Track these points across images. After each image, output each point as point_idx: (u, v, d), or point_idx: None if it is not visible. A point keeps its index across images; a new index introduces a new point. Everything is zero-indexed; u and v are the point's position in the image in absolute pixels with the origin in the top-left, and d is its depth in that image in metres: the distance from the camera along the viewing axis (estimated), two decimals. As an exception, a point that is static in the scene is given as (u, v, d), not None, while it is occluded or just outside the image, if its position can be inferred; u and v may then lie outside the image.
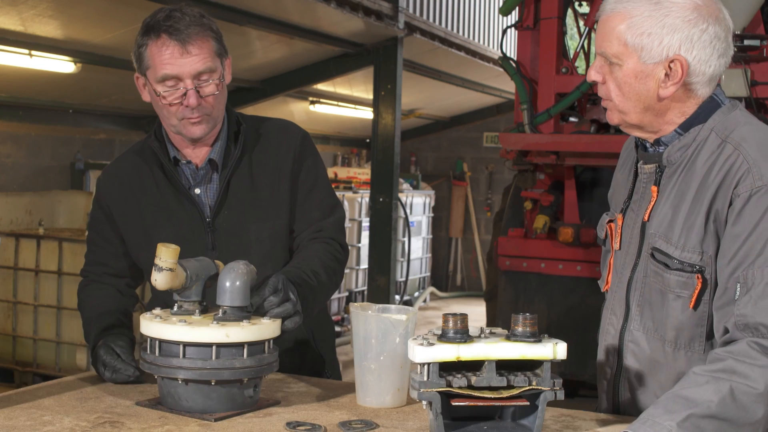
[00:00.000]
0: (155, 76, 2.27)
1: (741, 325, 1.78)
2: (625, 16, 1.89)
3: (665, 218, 1.95)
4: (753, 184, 1.81)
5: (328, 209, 2.48)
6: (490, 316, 6.62)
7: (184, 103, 2.27)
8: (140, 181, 2.42)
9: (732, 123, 1.92)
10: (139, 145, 2.51)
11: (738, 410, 1.69)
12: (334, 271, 2.39)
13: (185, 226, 2.37)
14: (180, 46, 2.24)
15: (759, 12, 5.24)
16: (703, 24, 1.87)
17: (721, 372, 1.72)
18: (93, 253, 2.52)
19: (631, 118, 1.96)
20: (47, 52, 6.53)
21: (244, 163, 2.41)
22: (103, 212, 2.46)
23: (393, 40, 7.86)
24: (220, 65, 2.31)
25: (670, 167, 1.97)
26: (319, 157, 2.54)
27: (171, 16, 2.26)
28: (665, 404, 1.70)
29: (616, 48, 1.91)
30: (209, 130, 2.35)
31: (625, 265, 2.05)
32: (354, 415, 1.98)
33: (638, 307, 2.01)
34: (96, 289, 2.49)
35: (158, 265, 2.03)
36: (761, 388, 1.70)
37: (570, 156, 5.70)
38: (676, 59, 1.88)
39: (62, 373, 6.32)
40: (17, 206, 7.38)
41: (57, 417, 1.93)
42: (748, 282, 1.79)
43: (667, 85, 1.90)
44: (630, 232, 2.05)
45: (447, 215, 13.01)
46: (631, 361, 2.03)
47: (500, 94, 11.67)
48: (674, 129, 1.96)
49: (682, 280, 1.92)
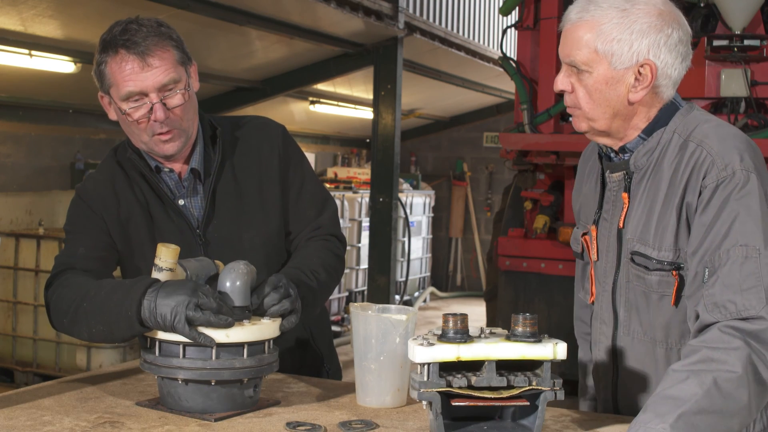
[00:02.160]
0: (119, 94, 2.18)
1: (710, 305, 1.80)
2: (593, 24, 1.93)
3: (639, 222, 1.98)
4: (718, 175, 1.87)
5: (321, 204, 2.45)
6: (490, 316, 6.62)
7: (151, 118, 2.19)
8: (126, 192, 2.32)
9: (692, 123, 1.98)
10: (113, 158, 2.37)
11: (724, 399, 1.69)
12: (335, 269, 2.38)
13: (175, 239, 2.23)
14: (139, 59, 2.15)
15: (759, 12, 5.24)
16: (668, 29, 1.93)
17: (698, 363, 1.73)
18: (71, 254, 2.28)
19: (600, 124, 2.00)
20: (47, 52, 6.54)
21: (227, 168, 2.35)
22: (94, 215, 2.31)
23: (393, 40, 7.86)
24: (185, 73, 2.23)
25: (638, 172, 2.01)
26: (302, 151, 2.48)
27: (127, 30, 2.17)
28: (654, 408, 1.69)
29: (585, 55, 1.94)
30: (182, 146, 2.27)
31: (607, 273, 2.07)
32: (354, 415, 1.98)
33: (626, 312, 2.04)
34: (80, 275, 2.22)
35: (158, 265, 2.03)
36: (740, 371, 1.71)
37: (570, 156, 5.70)
38: (646, 63, 1.93)
39: (62, 373, 6.32)
40: (17, 206, 7.38)
41: (57, 417, 1.93)
42: (714, 264, 1.83)
43: (638, 89, 1.94)
44: (606, 242, 2.07)
45: (447, 215, 13.01)
46: (627, 367, 2.05)
47: (500, 94, 11.67)
48: (638, 134, 2.00)
49: (663, 280, 1.95)
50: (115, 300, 2.01)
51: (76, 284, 2.17)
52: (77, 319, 2.11)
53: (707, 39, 5.17)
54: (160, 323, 1.92)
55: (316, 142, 12.08)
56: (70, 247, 2.30)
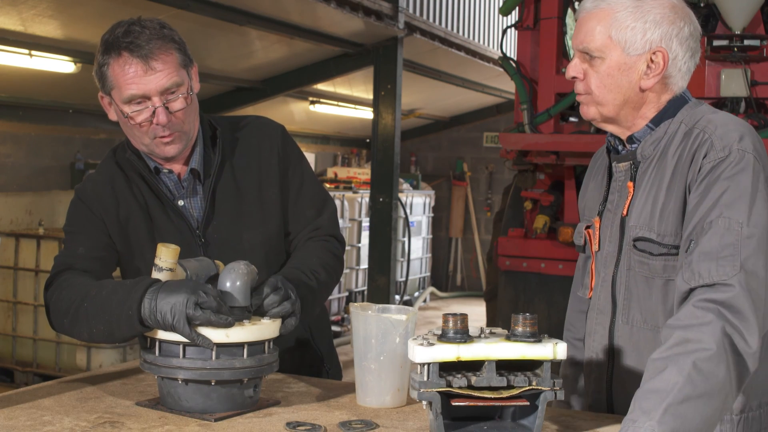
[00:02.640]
0: (121, 96, 2.18)
1: (687, 272, 1.82)
2: (608, 12, 1.99)
3: (644, 209, 2.01)
4: (716, 155, 1.90)
5: (321, 205, 2.46)
6: (490, 316, 6.62)
7: (154, 122, 2.19)
8: (125, 193, 2.32)
9: (698, 114, 2.02)
10: (112, 159, 2.37)
11: (706, 380, 1.69)
12: (334, 269, 2.39)
13: (175, 240, 2.23)
14: (143, 62, 2.14)
15: (759, 12, 5.24)
16: (680, 22, 2.00)
17: (675, 347, 1.73)
18: (71, 254, 2.28)
19: (608, 110, 2.03)
20: (47, 52, 6.54)
21: (226, 169, 2.35)
22: (94, 216, 2.30)
23: (393, 40, 7.86)
24: (187, 77, 2.23)
25: (644, 161, 2.04)
26: (301, 151, 2.49)
27: (130, 32, 2.16)
28: (639, 404, 1.69)
29: (599, 42, 1.99)
30: (183, 148, 2.27)
31: (607, 263, 2.09)
32: (354, 415, 1.98)
33: (626, 300, 2.04)
34: (80, 276, 2.21)
35: (158, 265, 2.03)
36: (714, 347, 1.71)
37: (570, 156, 5.70)
38: (658, 51, 1.98)
39: (62, 373, 6.32)
40: (17, 206, 7.38)
41: (57, 417, 1.93)
42: (699, 236, 1.85)
43: (649, 76, 2.00)
44: (609, 231, 2.09)
45: (447, 215, 13.01)
46: (624, 357, 2.05)
47: (500, 94, 11.68)
48: (646, 124, 2.04)
49: (669, 264, 1.97)
50: (115, 300, 2.01)
51: (76, 285, 2.16)
52: (77, 319, 2.11)
53: (707, 39, 5.17)
54: (160, 322, 1.92)
55: (316, 142, 12.08)
56: (70, 248, 2.30)
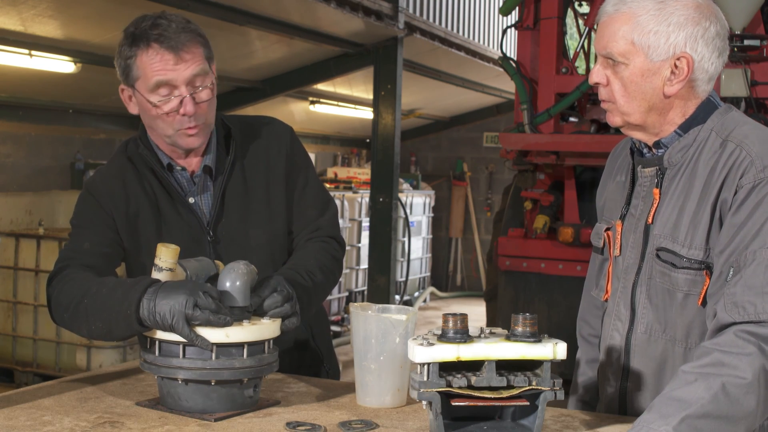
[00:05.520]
0: (147, 84, 2.20)
1: (729, 304, 1.78)
2: (630, 16, 1.92)
3: (670, 219, 1.96)
4: (756, 176, 1.84)
5: (323, 205, 2.47)
6: (490, 316, 6.63)
7: (180, 112, 2.21)
8: (135, 188, 2.33)
9: (731, 123, 1.96)
10: (123, 153, 2.37)
11: (731, 405, 1.67)
12: (331, 270, 2.39)
13: (186, 236, 2.29)
14: (173, 53, 2.18)
15: (759, 12, 5.24)
16: (705, 22, 1.91)
17: (709, 366, 1.71)
18: (76, 249, 2.28)
19: (635, 118, 1.97)
20: (47, 52, 6.53)
21: (237, 167, 2.38)
22: (102, 210, 2.31)
23: (393, 40, 7.86)
24: (210, 69, 2.27)
25: (672, 169, 1.98)
26: (307, 153, 2.52)
27: (158, 24, 2.19)
28: (659, 408, 1.68)
29: (622, 47, 1.93)
30: (205, 141, 2.31)
31: (628, 269, 2.05)
32: (354, 415, 1.98)
33: (644, 309, 2.01)
34: (83, 271, 2.20)
35: (158, 265, 2.03)
36: (750, 378, 1.69)
37: (570, 156, 5.71)
38: (683, 56, 1.91)
39: (62, 373, 6.32)
40: (17, 206, 7.38)
41: (57, 417, 1.93)
42: (740, 264, 1.80)
43: (673, 82, 1.93)
44: (631, 237, 2.05)
45: (447, 215, 13.01)
46: (640, 364, 2.03)
47: (500, 94, 11.68)
48: (674, 130, 1.98)
49: (690, 278, 1.93)
50: (115, 299, 2.01)
51: (78, 280, 2.16)
52: (77, 315, 2.11)
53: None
54: (159, 323, 1.92)
55: (316, 142, 12.08)
56: (76, 242, 2.30)
